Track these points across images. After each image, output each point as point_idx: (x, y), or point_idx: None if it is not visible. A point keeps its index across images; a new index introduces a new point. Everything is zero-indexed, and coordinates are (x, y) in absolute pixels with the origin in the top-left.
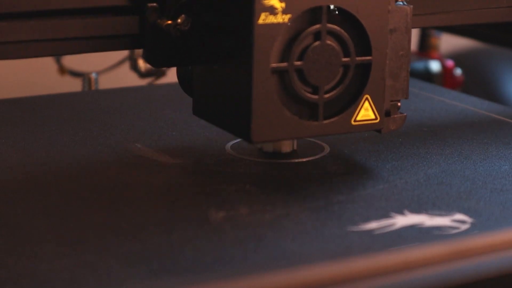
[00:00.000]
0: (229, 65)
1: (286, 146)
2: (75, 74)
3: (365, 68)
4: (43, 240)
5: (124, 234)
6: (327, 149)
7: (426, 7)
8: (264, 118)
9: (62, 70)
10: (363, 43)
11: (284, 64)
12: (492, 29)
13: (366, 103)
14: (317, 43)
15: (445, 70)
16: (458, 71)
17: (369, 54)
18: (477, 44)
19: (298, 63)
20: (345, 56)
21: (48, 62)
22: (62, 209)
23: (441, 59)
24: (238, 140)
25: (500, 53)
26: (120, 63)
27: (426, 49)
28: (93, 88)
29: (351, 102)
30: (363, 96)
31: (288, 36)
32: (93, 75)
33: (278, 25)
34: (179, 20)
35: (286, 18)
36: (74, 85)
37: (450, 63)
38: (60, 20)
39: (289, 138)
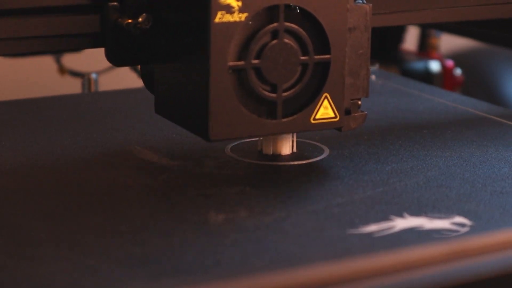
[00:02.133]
0: (188, 63)
1: (286, 149)
2: (75, 74)
3: (324, 67)
4: (43, 242)
5: (124, 237)
6: (327, 152)
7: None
8: (222, 117)
9: (62, 70)
10: (322, 42)
11: (242, 63)
12: (492, 29)
13: (326, 102)
14: (274, 41)
15: (445, 70)
16: (458, 71)
17: (328, 52)
18: (477, 44)
19: (256, 61)
20: (303, 55)
21: (48, 62)
22: (61, 211)
23: (441, 59)
24: (238, 142)
25: (500, 53)
26: None
27: (426, 49)
28: (93, 88)
29: (310, 100)
30: (322, 94)
31: (245, 34)
32: (93, 75)
33: (234, 23)
34: (139, 19)
35: (243, 16)
36: (74, 85)
37: (450, 63)
38: (20, 18)
39: (248, 137)
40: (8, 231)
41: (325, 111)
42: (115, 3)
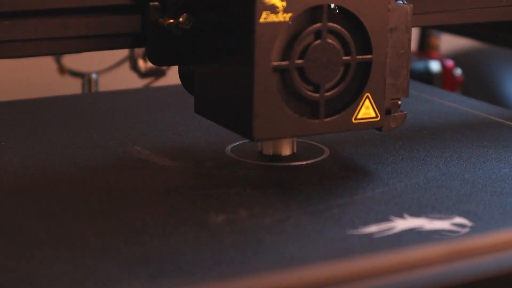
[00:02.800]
0: (231, 63)
1: (286, 149)
2: (75, 74)
3: (366, 67)
4: (43, 243)
5: (124, 238)
6: (327, 152)
7: (426, 6)
8: (265, 116)
9: (62, 70)
10: (363, 42)
11: (285, 63)
12: (492, 29)
13: (367, 101)
14: (318, 41)
15: (445, 70)
16: (458, 71)
17: (370, 52)
18: (477, 44)
19: (299, 61)
20: (345, 55)
21: (48, 62)
22: (61, 212)
23: (441, 59)
24: (238, 143)
25: (500, 53)
26: (120, 63)
27: (426, 49)
28: (93, 88)
29: (352, 100)
30: (364, 94)
31: (289, 34)
32: (93, 75)
33: (279, 23)
34: (180, 19)
35: (287, 17)
36: (74, 85)
37: (450, 63)
38: (62, 18)
39: (291, 136)
40: (8, 232)
41: (366, 111)
42: (156, 3)
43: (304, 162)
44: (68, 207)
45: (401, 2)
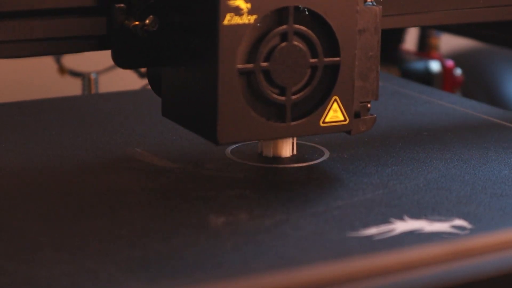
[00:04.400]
0: (196, 66)
1: (286, 151)
2: (75, 74)
3: (334, 69)
4: (43, 246)
5: (124, 240)
6: (327, 154)
7: (423, 5)
8: (230, 120)
9: (62, 70)
10: (331, 44)
11: (250, 65)
12: (492, 29)
13: (335, 105)
14: (284, 44)
15: (445, 70)
16: (458, 71)
17: (338, 55)
18: (477, 44)
19: (265, 64)
20: (312, 57)
21: (48, 62)
22: (61, 214)
23: (441, 59)
24: (238, 144)
25: (500, 53)
26: None
27: (426, 49)
28: (93, 88)
29: (320, 103)
30: (332, 97)
31: (254, 37)
32: (93, 75)
33: (243, 26)
34: (146, 21)
35: (252, 19)
36: (74, 85)
37: (450, 63)
38: (27, 21)
39: (256, 139)
40: (8, 234)
41: (334, 114)
42: (122, 5)
43: (304, 164)
44: (68, 209)
45: (370, 3)
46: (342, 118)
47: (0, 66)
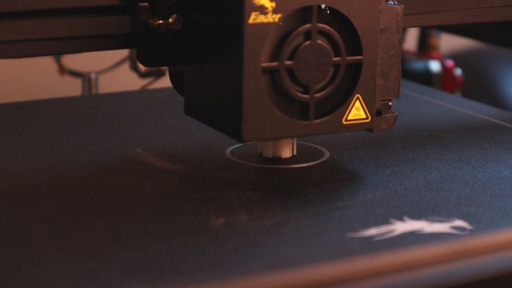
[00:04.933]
0: (220, 64)
1: (286, 152)
2: (75, 74)
3: (356, 68)
4: (43, 247)
5: (124, 241)
6: (327, 155)
7: (420, 6)
8: (254, 118)
9: (62, 70)
10: (354, 43)
11: (275, 64)
12: (492, 29)
13: (357, 103)
14: (307, 42)
15: (445, 70)
16: (458, 71)
17: (360, 53)
18: (477, 44)
19: (289, 62)
20: (335, 56)
21: (48, 62)
22: (61, 215)
23: (441, 59)
24: (238, 145)
25: (500, 53)
26: (120, 63)
27: (426, 49)
28: (93, 88)
29: (342, 101)
30: (354, 95)
31: (278, 35)
32: (93, 75)
33: (268, 24)
34: (170, 20)
35: (276, 17)
36: (74, 85)
37: (450, 63)
38: (51, 19)
39: (280, 138)
40: (8, 235)
41: (356, 112)
42: (146, 4)
43: (304, 165)
44: (68, 210)
45: (391, 2)
46: (364, 116)
47: (0, 66)
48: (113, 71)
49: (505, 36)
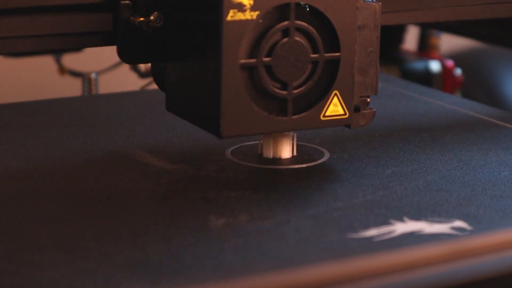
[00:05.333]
0: (200, 61)
1: (286, 152)
2: (75, 74)
3: (334, 64)
4: (43, 247)
5: (124, 241)
6: (327, 155)
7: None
8: (233, 113)
9: (62, 70)
10: (331, 40)
11: (253, 60)
12: (492, 29)
13: (335, 99)
14: (285, 39)
15: (445, 70)
16: (458, 71)
17: (338, 50)
18: (477, 44)
19: (267, 59)
20: (313, 53)
21: (48, 62)
22: (61, 215)
23: (441, 59)
24: (238, 145)
25: (500, 53)
26: (120, 63)
27: (426, 49)
28: (93, 88)
29: (320, 97)
30: (332, 91)
31: (256, 32)
32: (93, 75)
33: (246, 21)
34: (151, 17)
35: (254, 15)
36: (74, 85)
37: (450, 63)
38: (33, 17)
39: (258, 133)
40: (8, 235)
41: (334, 108)
42: (127, 2)
43: (304, 165)
44: (67, 211)
45: (369, 0)
46: (342, 112)
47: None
48: (113, 71)
49: (505, 36)
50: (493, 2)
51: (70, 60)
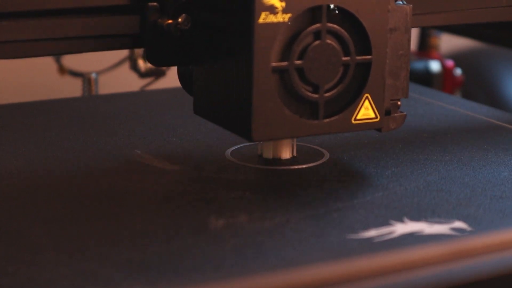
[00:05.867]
0: (230, 64)
1: (286, 153)
2: (75, 74)
3: (365, 67)
4: (43, 247)
5: (123, 242)
6: (327, 156)
7: (426, 6)
8: (264, 117)
9: (62, 70)
10: (363, 42)
11: (285, 63)
12: (492, 29)
13: (366, 102)
14: (317, 42)
15: (445, 70)
16: (458, 71)
17: (369, 53)
18: (477, 44)
19: (298, 62)
20: (345, 55)
21: (48, 62)
22: (61, 216)
23: (441, 59)
24: (238, 146)
25: (500, 53)
26: (120, 63)
27: (426, 49)
28: (93, 88)
29: (352, 101)
30: (363, 95)
31: (288, 35)
32: (93, 75)
33: (278, 24)
34: (179, 20)
35: (286, 17)
36: (74, 85)
37: (450, 63)
38: (61, 19)
39: (290, 137)
40: (8, 236)
41: (366, 111)
42: (155, 4)
43: (304, 166)
44: (68, 212)
45: (400, 2)
46: (373, 115)
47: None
48: (113, 71)
49: (505, 36)
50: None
51: (70, 60)
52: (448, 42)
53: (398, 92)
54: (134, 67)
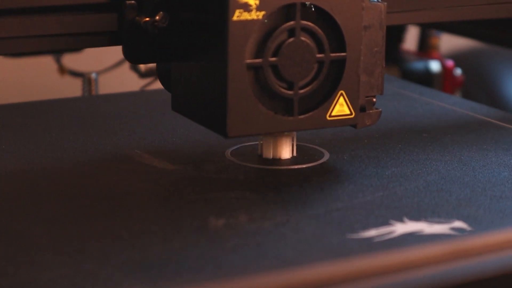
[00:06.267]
0: (206, 61)
1: (286, 153)
2: (75, 74)
3: (340, 64)
4: (43, 248)
5: (123, 242)
6: (327, 156)
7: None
8: (239, 113)
9: (62, 70)
10: (337, 40)
11: (259, 60)
12: (492, 29)
13: (341, 99)
14: (291, 39)
15: (445, 70)
16: (458, 71)
17: (344, 50)
18: (477, 44)
19: (273, 59)
20: (319, 53)
21: (48, 62)
22: (61, 216)
23: (441, 59)
24: (238, 146)
25: (500, 53)
26: (120, 63)
27: (426, 49)
28: (93, 88)
29: (326, 97)
30: (338, 91)
31: (262, 32)
32: (93, 75)
33: (252, 21)
34: (157, 17)
35: (260, 15)
36: (74, 85)
37: (450, 63)
38: (39, 17)
39: (264, 133)
40: (8, 237)
41: (340, 108)
42: (133, 2)
43: (303, 166)
44: (68, 212)
45: (375, 0)
46: (348, 112)
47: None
48: (113, 71)
49: (505, 36)
50: (497, 2)
51: (70, 60)
52: (448, 42)
53: (373, 89)
54: (134, 67)
